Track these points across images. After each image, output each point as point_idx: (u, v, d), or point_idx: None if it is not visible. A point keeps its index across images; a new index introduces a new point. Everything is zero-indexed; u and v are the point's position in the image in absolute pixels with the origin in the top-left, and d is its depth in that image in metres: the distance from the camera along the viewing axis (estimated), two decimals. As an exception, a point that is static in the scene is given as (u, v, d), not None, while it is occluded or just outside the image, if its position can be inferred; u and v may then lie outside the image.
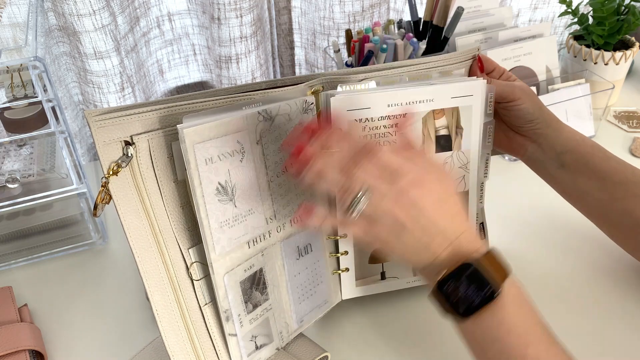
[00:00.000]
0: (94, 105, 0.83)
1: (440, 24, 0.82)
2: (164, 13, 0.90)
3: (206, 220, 0.47)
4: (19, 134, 0.63)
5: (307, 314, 0.57)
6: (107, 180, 0.43)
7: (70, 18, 0.74)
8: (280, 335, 0.55)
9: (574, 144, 0.59)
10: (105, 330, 0.60)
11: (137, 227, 0.46)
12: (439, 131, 0.56)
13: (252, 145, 0.49)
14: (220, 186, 0.47)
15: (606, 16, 0.85)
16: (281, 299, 0.55)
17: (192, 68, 0.98)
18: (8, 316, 0.58)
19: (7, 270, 0.68)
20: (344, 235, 0.58)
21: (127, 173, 0.44)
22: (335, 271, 0.59)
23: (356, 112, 0.52)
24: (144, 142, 0.45)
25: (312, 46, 0.96)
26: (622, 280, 0.64)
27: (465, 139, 0.56)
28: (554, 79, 0.87)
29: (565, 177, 0.60)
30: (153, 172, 0.46)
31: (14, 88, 0.65)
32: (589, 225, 0.61)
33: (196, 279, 0.49)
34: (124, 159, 0.43)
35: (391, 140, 0.54)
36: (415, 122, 0.52)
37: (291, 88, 0.52)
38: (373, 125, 0.53)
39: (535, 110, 0.59)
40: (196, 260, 0.49)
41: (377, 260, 0.59)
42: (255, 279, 0.52)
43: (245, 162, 0.49)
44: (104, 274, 0.67)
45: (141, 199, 0.46)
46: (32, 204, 0.64)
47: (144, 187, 0.46)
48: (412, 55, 0.84)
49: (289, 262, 0.55)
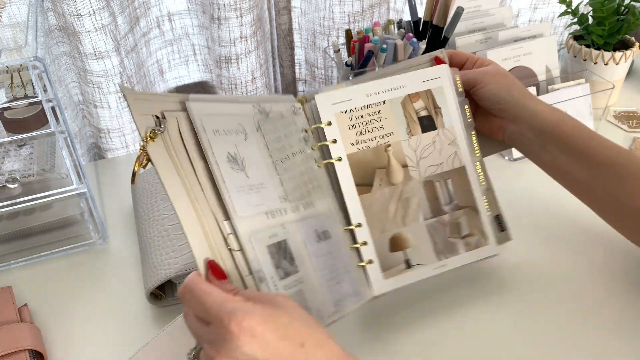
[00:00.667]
0: (94, 105, 0.83)
1: (440, 24, 0.82)
2: (164, 13, 0.90)
3: (222, 182, 0.49)
4: (19, 134, 0.63)
5: (341, 299, 0.55)
6: (146, 144, 0.45)
7: (70, 18, 0.74)
8: (319, 312, 0.52)
9: (553, 124, 0.59)
10: (105, 330, 0.60)
11: (178, 187, 0.47)
12: (419, 113, 0.61)
13: (252, 130, 0.53)
14: (230, 155, 0.51)
15: (606, 16, 0.85)
16: (310, 277, 0.53)
17: (192, 68, 0.98)
18: (8, 316, 0.58)
19: (7, 270, 0.68)
20: (358, 224, 0.57)
21: (163, 143, 0.47)
22: (359, 264, 0.57)
23: (341, 105, 0.58)
24: (173, 120, 0.48)
25: (312, 46, 0.96)
26: (634, 278, 0.64)
27: (446, 116, 0.62)
28: (554, 79, 0.87)
29: (547, 156, 0.60)
30: (184, 148, 0.48)
31: (14, 88, 0.65)
32: (596, 221, 0.61)
33: (234, 250, 0.49)
34: (159, 128, 0.47)
35: (378, 127, 0.59)
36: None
37: (280, 95, 0.58)
38: (358, 114, 0.59)
39: (501, 92, 0.61)
40: (232, 232, 0.49)
41: (399, 246, 0.59)
42: (281, 247, 0.52)
43: (248, 141, 0.53)
44: (104, 274, 0.67)
45: (177, 169, 0.47)
46: (32, 204, 0.64)
47: (178, 161, 0.48)
48: (412, 55, 0.84)
49: (311, 242, 0.54)
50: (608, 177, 0.57)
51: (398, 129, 0.60)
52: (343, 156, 0.58)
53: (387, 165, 0.60)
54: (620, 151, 0.57)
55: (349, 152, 0.58)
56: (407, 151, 0.60)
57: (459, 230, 0.60)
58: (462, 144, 0.61)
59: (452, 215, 0.60)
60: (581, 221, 0.62)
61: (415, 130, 0.61)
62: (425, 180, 0.60)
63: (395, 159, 0.60)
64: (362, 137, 0.59)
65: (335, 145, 0.58)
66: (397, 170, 0.60)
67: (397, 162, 0.60)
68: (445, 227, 0.60)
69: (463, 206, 0.61)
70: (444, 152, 0.61)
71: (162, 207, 0.66)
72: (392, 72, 0.62)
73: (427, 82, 0.61)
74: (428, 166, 0.61)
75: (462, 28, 0.87)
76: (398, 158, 0.60)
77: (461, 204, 0.61)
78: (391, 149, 0.60)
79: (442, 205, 0.60)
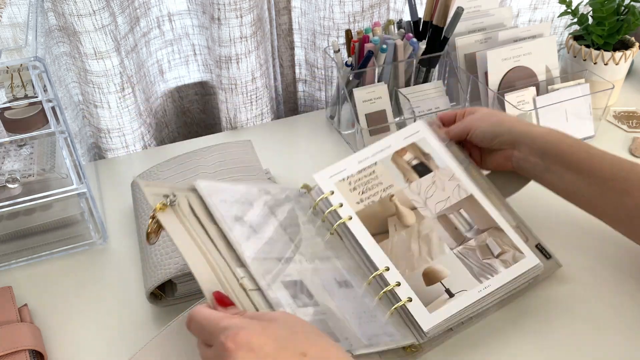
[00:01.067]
0: (94, 105, 0.83)
1: (440, 24, 0.82)
2: (164, 13, 0.90)
3: (231, 232, 0.51)
4: (19, 134, 0.63)
5: (376, 335, 0.52)
6: (155, 214, 0.48)
7: (70, 18, 0.74)
8: (347, 340, 0.50)
9: (553, 144, 0.60)
10: (105, 330, 0.60)
11: (188, 243, 0.49)
12: (411, 162, 0.66)
13: (258, 204, 0.58)
14: (237, 216, 0.54)
15: (606, 16, 0.85)
16: (335, 313, 0.52)
17: (192, 68, 0.98)
18: (8, 316, 0.58)
19: (7, 270, 0.68)
20: (385, 268, 0.57)
21: (174, 214, 0.50)
22: (392, 311, 0.55)
23: (338, 175, 0.64)
24: (183, 198, 0.52)
25: (312, 46, 0.96)
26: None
27: (437, 160, 0.66)
28: (554, 79, 0.87)
29: (552, 177, 0.61)
30: (196, 218, 0.52)
31: (14, 88, 0.65)
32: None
33: (250, 289, 0.49)
34: (168, 201, 0.50)
35: (377, 183, 0.63)
36: None
37: (283, 185, 0.66)
38: (356, 178, 0.64)
39: (494, 128, 0.63)
40: (245, 275, 0.50)
41: (435, 279, 0.57)
42: (297, 286, 0.52)
43: (256, 209, 0.57)
44: (104, 274, 0.67)
45: (188, 231, 0.50)
46: (32, 204, 0.64)
47: (190, 226, 0.50)
48: (411, 55, 0.84)
49: (331, 288, 0.54)
50: (614, 191, 0.57)
51: (396, 180, 0.64)
52: (352, 214, 0.61)
53: (396, 212, 0.62)
54: (623, 165, 0.58)
55: (356, 209, 0.61)
56: (411, 196, 0.63)
57: (490, 251, 0.59)
58: (461, 177, 0.64)
59: (477, 239, 0.60)
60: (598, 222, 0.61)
61: (412, 177, 0.64)
62: (438, 216, 0.61)
63: (402, 204, 0.62)
64: (365, 195, 0.63)
65: (342, 208, 0.61)
66: (407, 214, 0.62)
67: (404, 207, 0.62)
68: (474, 251, 0.59)
69: (485, 229, 0.61)
70: (447, 187, 0.63)
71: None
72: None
73: (409, 137, 0.67)
74: (436, 203, 0.62)
75: (462, 28, 0.87)
76: (404, 203, 0.62)
77: (482, 227, 0.61)
78: (395, 197, 0.63)
79: (464, 233, 0.60)
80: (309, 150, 0.88)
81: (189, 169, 0.71)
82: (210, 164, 0.72)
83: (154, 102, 0.95)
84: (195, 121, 1.05)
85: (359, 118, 0.82)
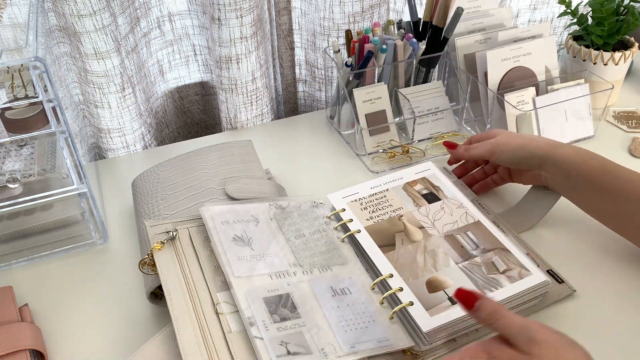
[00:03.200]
0: (94, 105, 0.83)
1: (439, 24, 0.83)
2: (165, 14, 0.90)
3: (224, 254, 0.56)
4: (20, 134, 0.63)
5: (359, 342, 0.52)
6: (151, 253, 0.56)
7: (70, 18, 0.74)
8: (323, 351, 0.50)
9: (577, 167, 0.61)
10: (105, 329, 0.60)
11: (173, 279, 0.55)
12: (421, 191, 0.69)
13: (265, 220, 0.62)
14: (236, 236, 0.58)
15: (605, 16, 0.85)
16: (317, 322, 0.52)
17: (192, 68, 0.98)
18: (8, 316, 0.58)
19: (8, 270, 0.68)
20: (389, 275, 0.58)
21: (170, 248, 0.57)
22: (392, 315, 0.55)
23: (350, 197, 0.68)
24: (185, 231, 0.59)
25: (312, 47, 0.96)
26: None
27: (446, 191, 0.69)
28: (554, 79, 0.87)
29: (578, 196, 0.63)
30: (192, 246, 0.58)
31: (15, 88, 0.65)
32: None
33: (222, 313, 0.52)
34: (167, 239, 0.58)
35: (387, 205, 0.67)
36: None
37: (299, 196, 0.69)
38: (367, 200, 0.67)
39: (517, 153, 0.65)
40: (223, 301, 0.53)
41: (438, 287, 0.56)
42: (281, 300, 0.53)
43: (260, 226, 0.61)
44: (104, 273, 0.67)
45: (180, 263, 0.56)
46: (33, 204, 0.64)
47: (184, 255, 0.57)
48: (411, 55, 0.84)
49: (322, 297, 0.55)
50: (638, 210, 0.58)
51: (405, 204, 0.67)
52: (361, 228, 0.63)
53: (404, 229, 0.64)
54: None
55: (365, 225, 0.64)
56: (420, 217, 0.65)
57: (496, 267, 0.59)
58: (469, 207, 0.67)
59: (483, 257, 0.60)
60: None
61: (421, 203, 0.67)
62: (445, 235, 0.63)
63: (410, 223, 0.64)
64: (375, 214, 0.66)
65: (352, 223, 0.64)
66: (414, 231, 0.63)
67: (412, 225, 0.64)
68: (480, 267, 0.59)
69: (491, 249, 0.61)
70: (455, 214, 0.65)
71: (163, 207, 0.66)
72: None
73: (420, 173, 0.72)
74: (444, 225, 0.64)
75: (462, 28, 0.87)
76: (413, 223, 0.64)
77: (489, 248, 0.61)
78: (404, 217, 0.65)
79: (470, 251, 0.61)
80: (309, 151, 0.88)
81: (189, 169, 0.71)
82: (210, 164, 0.72)
83: (155, 102, 0.95)
84: (196, 121, 1.05)
85: (359, 118, 0.82)
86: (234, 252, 0.56)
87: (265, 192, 0.68)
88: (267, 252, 0.58)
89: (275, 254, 0.58)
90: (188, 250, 0.57)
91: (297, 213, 0.64)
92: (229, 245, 0.57)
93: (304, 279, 0.56)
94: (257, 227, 0.60)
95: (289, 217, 0.63)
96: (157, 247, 0.56)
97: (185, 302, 0.53)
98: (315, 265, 0.58)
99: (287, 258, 0.58)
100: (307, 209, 0.65)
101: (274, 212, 0.63)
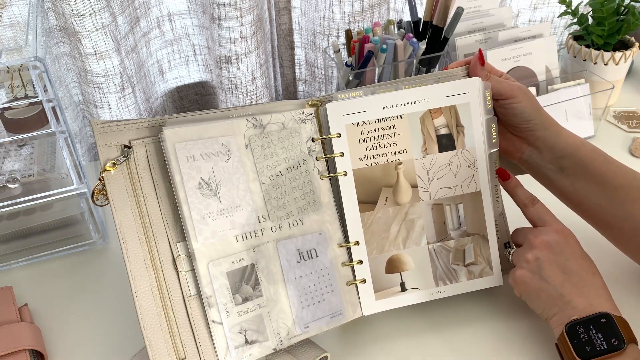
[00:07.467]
0: (94, 105, 0.83)
1: (440, 24, 0.82)
2: (164, 13, 0.90)
3: (187, 211, 0.50)
4: (20, 134, 0.63)
5: (313, 320, 0.54)
6: (102, 175, 0.50)
7: (70, 18, 0.74)
8: (278, 336, 0.53)
9: (573, 148, 0.59)
10: (105, 329, 0.60)
11: (127, 218, 0.50)
12: (439, 130, 0.57)
13: (239, 148, 0.53)
14: (203, 181, 0.51)
15: (606, 16, 0.85)
16: (278, 299, 0.53)
17: (192, 68, 0.98)
18: (8, 316, 0.58)
19: (8, 270, 0.68)
20: (355, 242, 0.56)
21: (124, 171, 0.51)
22: (350, 282, 0.56)
23: (353, 116, 0.55)
24: (142, 147, 0.51)
25: (312, 46, 0.96)
26: (626, 286, 0.63)
27: (468, 136, 0.58)
28: (554, 79, 0.87)
29: (565, 181, 0.60)
30: (149, 173, 0.51)
31: (15, 88, 0.65)
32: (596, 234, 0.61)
33: (182, 271, 0.51)
34: (120, 158, 0.50)
35: (391, 142, 0.56)
36: None
37: (287, 102, 0.57)
38: (371, 127, 0.56)
39: (532, 111, 0.59)
40: (183, 254, 0.51)
41: (396, 268, 0.57)
42: (245, 273, 0.52)
43: (231, 162, 0.53)
44: (104, 273, 0.67)
45: (135, 195, 0.51)
46: (33, 204, 0.64)
47: (140, 185, 0.51)
48: (411, 55, 0.84)
49: (287, 264, 0.54)
50: (624, 199, 0.57)
51: (412, 146, 0.56)
52: (349, 171, 0.55)
53: (395, 183, 0.57)
54: (636, 175, 0.58)
55: (355, 167, 0.55)
56: (419, 171, 0.57)
57: (463, 258, 0.59)
58: (481, 167, 0.58)
59: (458, 241, 0.58)
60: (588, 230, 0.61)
61: (431, 149, 0.57)
62: (434, 203, 0.58)
63: (405, 178, 0.57)
64: (372, 153, 0.56)
65: (342, 158, 0.55)
66: (405, 189, 0.57)
67: (406, 181, 0.57)
68: (449, 252, 0.58)
69: (472, 233, 0.59)
70: (460, 175, 0.58)
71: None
72: (418, 81, 0.58)
73: (453, 97, 0.57)
74: (440, 188, 0.58)
75: (462, 28, 0.87)
76: (408, 177, 0.57)
77: (470, 231, 0.59)
78: (402, 167, 0.57)
79: (449, 230, 0.58)
80: (309, 150, 0.88)
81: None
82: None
83: (154, 102, 0.95)
84: (196, 121, 1.05)
85: (359, 118, 0.82)
86: (200, 206, 0.51)
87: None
88: (237, 203, 0.52)
89: (245, 204, 0.53)
90: (145, 177, 0.51)
91: (277, 137, 0.55)
92: (193, 195, 0.50)
93: (272, 238, 0.54)
94: (228, 164, 0.52)
95: (266, 145, 0.54)
96: (108, 168, 0.49)
97: (143, 253, 0.50)
98: (288, 217, 0.55)
99: (256, 211, 0.53)
100: (291, 128, 0.55)
101: (251, 134, 0.53)
